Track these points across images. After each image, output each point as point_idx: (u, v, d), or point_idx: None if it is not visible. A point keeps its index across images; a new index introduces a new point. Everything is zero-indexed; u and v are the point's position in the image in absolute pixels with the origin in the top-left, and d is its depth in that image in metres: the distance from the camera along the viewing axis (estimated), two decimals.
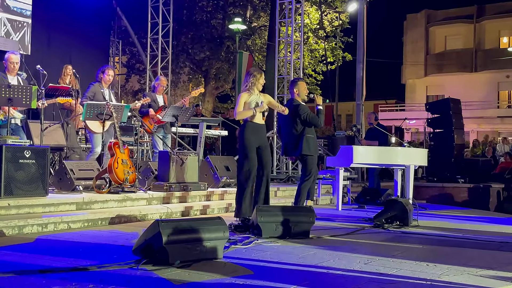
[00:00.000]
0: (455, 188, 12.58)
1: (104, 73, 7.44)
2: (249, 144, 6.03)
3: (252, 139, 6.06)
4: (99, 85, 7.44)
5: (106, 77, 7.44)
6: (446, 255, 4.66)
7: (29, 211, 5.59)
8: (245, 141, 6.05)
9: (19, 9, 11.05)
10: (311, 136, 6.96)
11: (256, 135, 6.11)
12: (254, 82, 6.12)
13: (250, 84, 6.13)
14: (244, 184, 6.00)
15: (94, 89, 7.38)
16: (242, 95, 6.15)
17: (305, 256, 4.41)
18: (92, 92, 7.33)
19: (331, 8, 20.68)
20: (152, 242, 3.88)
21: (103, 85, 7.46)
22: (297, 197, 6.91)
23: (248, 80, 6.15)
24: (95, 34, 13.19)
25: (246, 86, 6.16)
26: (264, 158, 6.13)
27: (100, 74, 7.48)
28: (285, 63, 12.94)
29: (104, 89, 7.47)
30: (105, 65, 7.61)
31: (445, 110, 13.08)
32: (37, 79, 7.44)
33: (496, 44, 32.41)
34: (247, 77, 6.19)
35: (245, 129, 6.11)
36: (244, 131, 6.11)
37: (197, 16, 20.87)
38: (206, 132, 9.75)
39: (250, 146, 6.03)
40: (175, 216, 6.60)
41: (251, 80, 6.13)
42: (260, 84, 6.17)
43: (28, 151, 5.77)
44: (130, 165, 6.74)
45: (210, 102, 22.04)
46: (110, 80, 7.51)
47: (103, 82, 7.47)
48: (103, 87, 7.46)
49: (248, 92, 6.15)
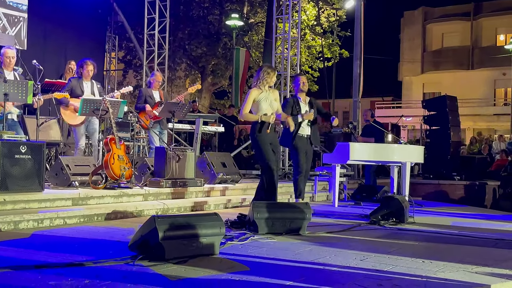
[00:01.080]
0: (451, 185, 12.62)
1: (83, 67, 7.32)
2: (263, 140, 6.08)
3: (265, 135, 6.09)
4: (76, 81, 7.33)
5: (85, 72, 7.33)
6: (442, 252, 4.67)
7: (25, 207, 5.58)
8: (259, 138, 6.09)
9: (15, 3, 10.99)
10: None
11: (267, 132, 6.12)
12: (266, 79, 6.09)
13: (262, 80, 6.10)
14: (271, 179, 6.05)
15: (70, 85, 7.29)
16: (251, 91, 6.12)
17: (301, 252, 4.41)
18: (68, 89, 7.24)
19: (328, 4, 20.68)
20: (148, 238, 3.88)
21: (83, 79, 7.36)
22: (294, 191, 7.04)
23: (259, 75, 6.11)
24: (91, 29, 13.14)
25: (257, 82, 6.12)
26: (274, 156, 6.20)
27: (80, 69, 7.36)
28: (282, 60, 12.93)
29: (85, 83, 7.35)
30: (84, 59, 7.44)
31: (442, 107, 13.11)
32: (33, 74, 7.41)
33: (493, 42, 32.47)
34: (259, 72, 6.16)
35: (256, 126, 6.13)
36: (256, 128, 6.12)
37: (194, 12, 20.82)
38: (202, 128, 9.74)
39: (264, 142, 6.08)
40: (171, 212, 6.60)
41: (263, 76, 6.08)
42: (272, 82, 6.15)
43: (24, 147, 5.75)
44: (126, 161, 6.73)
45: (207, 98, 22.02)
46: (90, 74, 7.37)
47: (83, 76, 7.35)
48: (84, 81, 7.36)
49: (258, 89, 6.12)
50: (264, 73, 6.10)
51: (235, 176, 8.64)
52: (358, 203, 8.85)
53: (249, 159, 13.51)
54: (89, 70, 7.34)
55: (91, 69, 7.36)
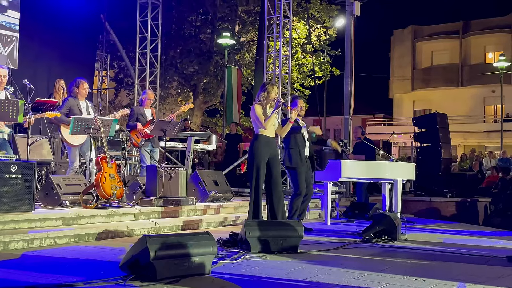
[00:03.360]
0: (442, 202, 12.65)
1: (79, 86, 7.31)
2: (260, 157, 6.13)
3: (264, 152, 6.15)
4: (73, 100, 7.31)
5: (81, 90, 7.33)
6: (435, 270, 4.66)
7: (15, 227, 5.52)
8: (256, 154, 6.15)
9: (8, 23, 11.01)
10: (293, 149, 7.05)
11: (267, 147, 6.19)
12: (266, 96, 6.19)
13: (262, 98, 6.21)
14: (256, 195, 6.13)
15: (68, 104, 7.26)
16: (256, 107, 6.19)
17: (293, 271, 4.39)
18: (66, 108, 7.23)
19: (318, 23, 20.87)
20: (139, 257, 3.84)
21: (79, 99, 7.36)
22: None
23: (261, 92, 6.23)
24: (82, 48, 13.16)
25: (259, 99, 6.22)
26: (274, 170, 6.22)
27: (75, 88, 7.33)
28: (273, 77, 12.98)
29: (81, 102, 7.36)
30: (77, 78, 7.43)
31: (432, 124, 13.18)
32: (24, 93, 7.39)
33: (482, 60, 32.83)
34: (261, 89, 6.27)
35: (256, 142, 6.19)
36: (256, 144, 6.18)
37: (186, 31, 20.94)
38: (194, 146, 9.73)
39: (260, 160, 6.13)
40: (163, 231, 6.56)
41: (265, 93, 6.20)
42: (273, 97, 6.23)
43: (14, 166, 5.72)
44: (117, 180, 6.69)
45: (199, 116, 22.04)
46: (85, 93, 7.39)
47: (79, 95, 7.34)
48: (80, 100, 7.37)
49: (261, 105, 6.22)
50: (266, 91, 6.21)
51: (227, 194, 8.61)
52: (350, 220, 8.84)
53: (240, 177, 13.50)
54: (85, 88, 7.36)
55: (86, 87, 7.39)
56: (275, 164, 6.26)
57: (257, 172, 6.13)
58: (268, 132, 6.20)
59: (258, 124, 6.18)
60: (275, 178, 6.24)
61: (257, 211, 6.16)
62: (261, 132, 6.18)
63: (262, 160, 6.14)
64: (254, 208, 6.16)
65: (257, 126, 6.23)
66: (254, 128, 6.32)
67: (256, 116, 6.19)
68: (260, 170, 6.14)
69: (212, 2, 20.24)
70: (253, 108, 6.25)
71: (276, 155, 6.34)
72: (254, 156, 6.16)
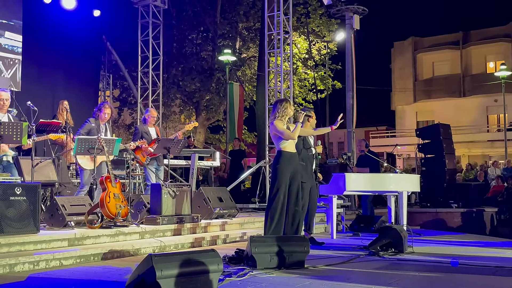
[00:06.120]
0: (448, 213, 12.58)
1: (101, 110, 7.53)
2: (283, 175, 6.13)
3: (287, 169, 6.16)
4: (95, 121, 7.48)
5: (102, 115, 7.53)
6: (442, 281, 4.63)
7: (20, 249, 5.52)
8: (279, 171, 6.15)
9: (11, 46, 11.12)
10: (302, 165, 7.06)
11: (290, 164, 6.21)
12: (285, 111, 6.25)
13: (282, 113, 6.25)
14: (279, 211, 6.09)
15: (88, 126, 7.43)
16: (277, 123, 6.22)
17: (300, 286, 4.36)
18: (86, 129, 7.39)
19: (319, 37, 20.97)
20: (145, 277, 3.84)
21: (99, 122, 7.52)
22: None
23: (277, 109, 6.27)
24: (85, 69, 13.28)
25: (277, 116, 6.25)
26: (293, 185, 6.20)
27: (97, 112, 7.56)
28: (275, 93, 13.02)
29: (101, 125, 7.53)
30: (103, 102, 7.78)
31: (435, 135, 13.17)
32: (28, 116, 7.44)
33: (483, 69, 32.88)
34: (275, 106, 6.33)
35: (280, 159, 6.20)
36: (279, 161, 6.19)
37: (187, 49, 21.05)
38: (198, 163, 9.74)
39: (284, 177, 6.13)
40: (168, 250, 6.54)
41: (283, 109, 6.25)
42: (291, 113, 6.32)
43: (19, 188, 5.73)
44: (122, 199, 6.70)
45: (202, 133, 22.07)
46: (106, 118, 7.58)
47: (100, 119, 7.54)
48: (100, 123, 7.52)
49: (281, 121, 6.25)
50: (283, 107, 6.26)
51: (232, 210, 8.60)
52: (356, 234, 8.81)
53: (245, 192, 13.49)
54: (106, 113, 7.53)
55: (108, 112, 7.57)
56: (295, 179, 6.25)
57: (280, 189, 6.13)
58: (290, 147, 6.23)
59: (281, 138, 6.20)
60: (293, 192, 6.21)
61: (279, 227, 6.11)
62: (284, 149, 6.21)
63: (285, 177, 6.15)
64: (276, 224, 6.10)
65: (279, 142, 6.24)
66: (276, 144, 6.33)
67: (279, 131, 6.20)
68: (283, 187, 6.14)
69: (213, 20, 20.38)
70: (272, 124, 6.26)
71: (297, 171, 6.34)
72: (277, 173, 6.17)
